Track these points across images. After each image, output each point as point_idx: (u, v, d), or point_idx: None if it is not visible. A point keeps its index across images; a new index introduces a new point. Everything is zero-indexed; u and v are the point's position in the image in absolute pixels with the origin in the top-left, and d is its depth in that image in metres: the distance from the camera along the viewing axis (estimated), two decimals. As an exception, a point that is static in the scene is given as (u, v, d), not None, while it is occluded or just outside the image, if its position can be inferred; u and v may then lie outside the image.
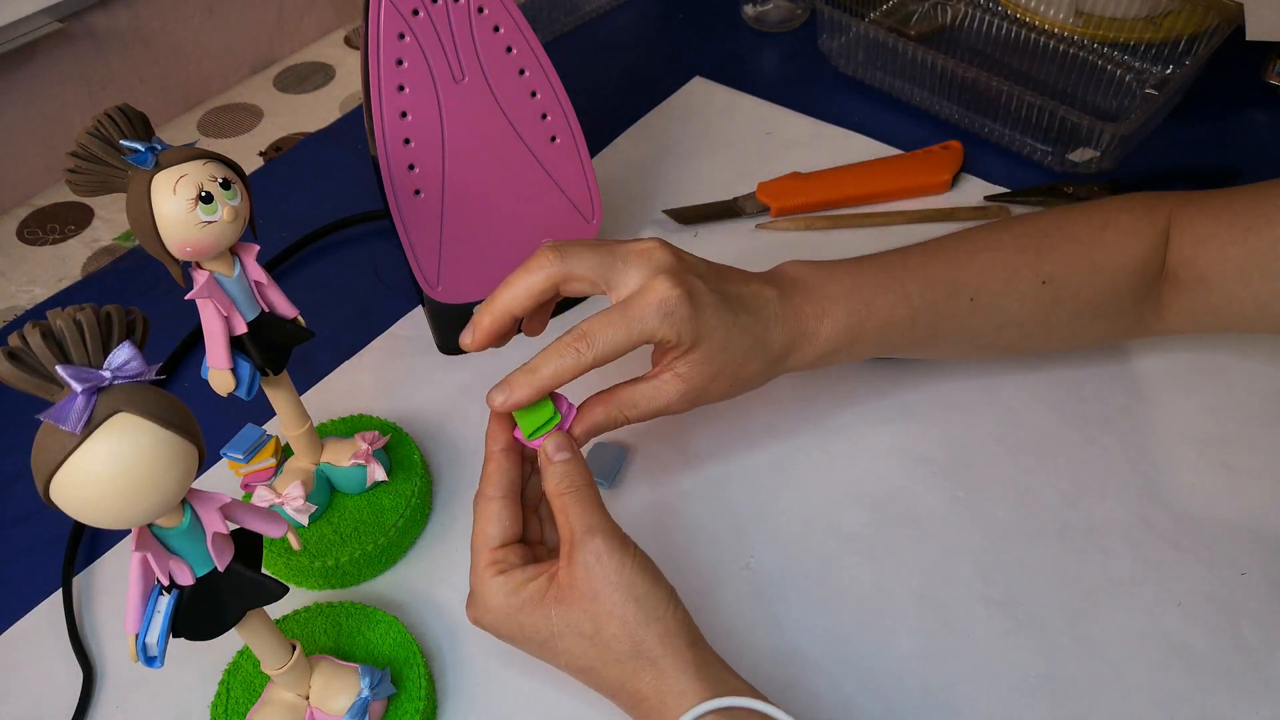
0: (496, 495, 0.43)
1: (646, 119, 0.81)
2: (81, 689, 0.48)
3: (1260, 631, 0.47)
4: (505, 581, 0.41)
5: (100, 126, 0.38)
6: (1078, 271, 0.52)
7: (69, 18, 0.75)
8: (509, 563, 0.42)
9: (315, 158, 0.81)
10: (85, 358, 0.29)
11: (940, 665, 0.47)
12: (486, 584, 0.42)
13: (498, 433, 0.44)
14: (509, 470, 0.44)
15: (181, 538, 0.34)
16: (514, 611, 0.41)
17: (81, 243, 0.76)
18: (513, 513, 0.43)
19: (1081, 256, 0.52)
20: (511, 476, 0.44)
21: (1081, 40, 0.80)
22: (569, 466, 0.43)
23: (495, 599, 0.41)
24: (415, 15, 0.51)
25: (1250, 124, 0.77)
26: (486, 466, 0.44)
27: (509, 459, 0.44)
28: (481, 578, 0.42)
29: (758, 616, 0.50)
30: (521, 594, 0.41)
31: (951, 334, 0.52)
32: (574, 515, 0.41)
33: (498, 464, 0.44)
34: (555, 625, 0.40)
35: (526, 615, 0.41)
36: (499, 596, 0.41)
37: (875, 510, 0.54)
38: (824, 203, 0.72)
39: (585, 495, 0.42)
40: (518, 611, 0.41)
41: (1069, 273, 0.52)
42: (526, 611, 0.41)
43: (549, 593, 0.41)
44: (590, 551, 0.40)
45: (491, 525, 0.42)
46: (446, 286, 0.59)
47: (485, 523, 0.42)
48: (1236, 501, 0.53)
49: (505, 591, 0.41)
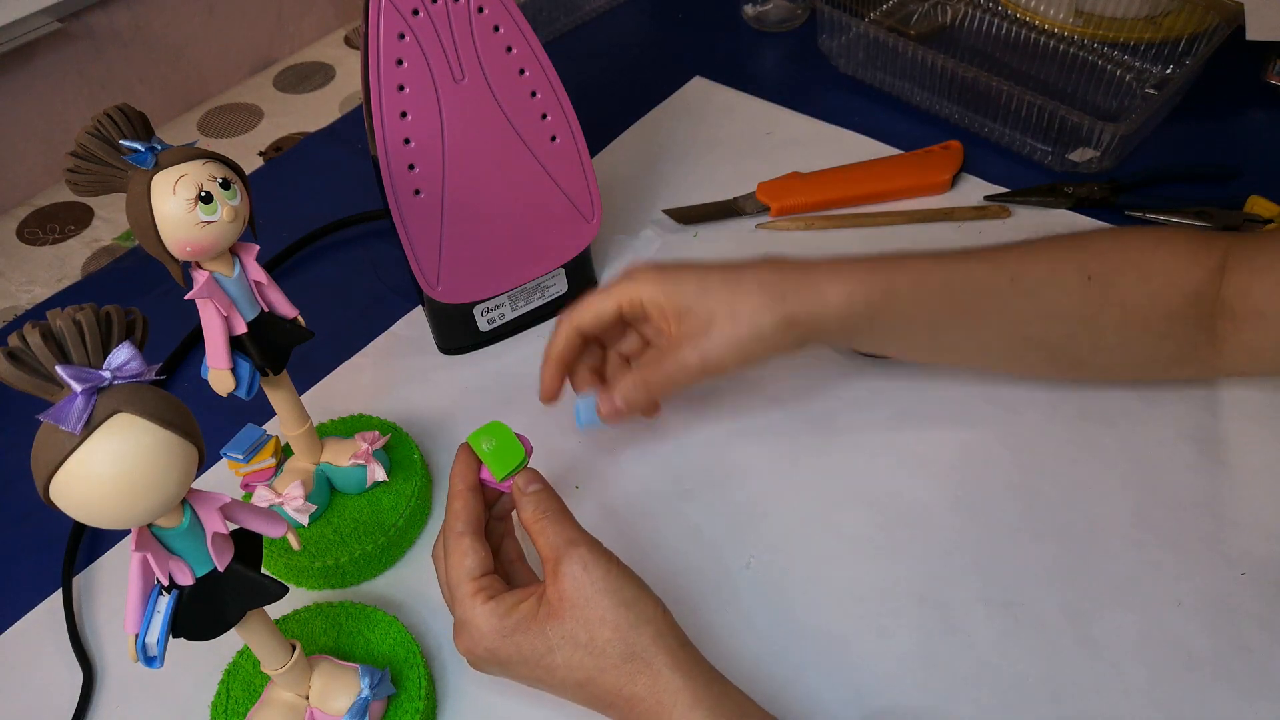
0: (468, 531, 0.43)
1: (646, 119, 0.81)
2: (81, 689, 0.48)
3: (1260, 631, 0.47)
4: (496, 606, 0.41)
5: (100, 126, 0.38)
6: (1126, 277, 0.50)
7: (69, 18, 0.75)
8: (495, 588, 0.42)
9: (315, 158, 0.81)
10: (85, 358, 0.29)
11: (940, 665, 0.47)
12: (476, 611, 0.41)
13: (465, 472, 0.45)
14: (475, 507, 0.44)
15: (181, 538, 0.34)
16: (509, 633, 0.41)
17: (81, 243, 0.76)
18: (484, 546, 0.43)
19: (1131, 265, 0.51)
20: (478, 512, 0.44)
21: (1081, 40, 0.80)
22: (541, 496, 0.44)
23: (488, 623, 0.41)
24: (415, 15, 0.51)
25: (1250, 124, 0.77)
26: (453, 504, 0.44)
27: (475, 496, 0.44)
28: (469, 606, 0.42)
29: (758, 616, 0.50)
30: (514, 615, 0.41)
31: (993, 314, 0.51)
32: (553, 534, 0.42)
33: (465, 501, 0.44)
34: (551, 640, 0.40)
35: (522, 635, 0.41)
36: (491, 620, 0.41)
37: (875, 510, 0.54)
38: (824, 203, 0.72)
39: (560, 517, 0.43)
40: (513, 632, 0.41)
41: (1117, 275, 0.50)
42: (521, 631, 0.41)
43: (540, 610, 0.41)
44: (576, 562, 0.41)
45: (468, 558, 0.43)
46: (446, 286, 0.59)
47: (461, 556, 0.43)
48: (1236, 501, 0.53)
49: (498, 615, 0.41)
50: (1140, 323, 0.51)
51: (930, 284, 0.50)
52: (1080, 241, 0.52)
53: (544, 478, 0.45)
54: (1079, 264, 0.51)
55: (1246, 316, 0.51)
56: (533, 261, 0.61)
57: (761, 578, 0.51)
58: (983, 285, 0.50)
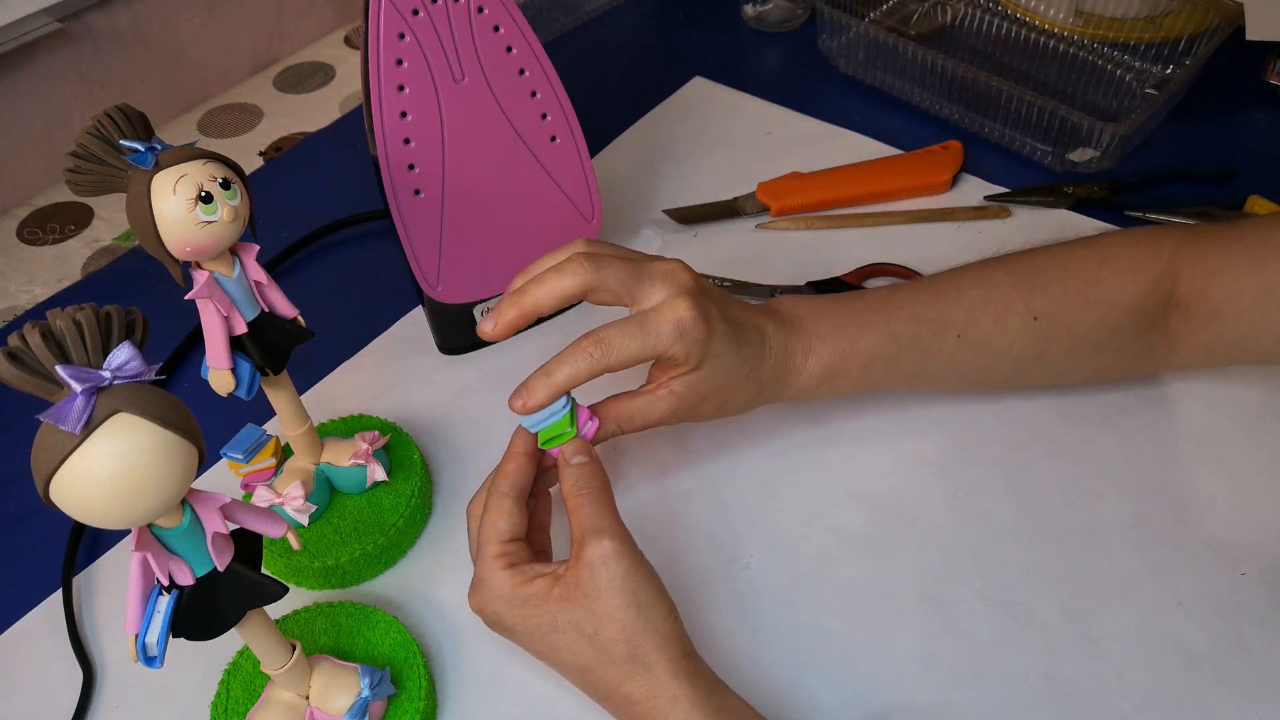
0: (510, 493, 0.44)
1: (646, 119, 0.81)
2: (81, 689, 0.48)
3: (1260, 631, 0.47)
4: (513, 574, 0.42)
5: (100, 126, 0.38)
6: (1071, 308, 0.51)
7: (69, 18, 0.75)
8: (518, 557, 0.43)
9: (315, 158, 0.81)
10: (85, 358, 0.29)
11: (940, 665, 0.47)
12: (495, 574, 0.42)
13: (525, 435, 0.46)
14: (526, 473, 0.45)
15: (181, 538, 0.34)
16: (519, 603, 0.42)
17: (81, 243, 0.76)
18: (522, 513, 0.44)
19: (1076, 293, 0.51)
20: (526, 479, 0.45)
21: (1081, 40, 0.80)
22: (586, 469, 0.44)
23: (502, 589, 0.42)
24: (415, 15, 0.51)
25: (1250, 124, 0.77)
26: (506, 465, 0.45)
27: (528, 462, 0.45)
28: (490, 567, 0.43)
29: (758, 616, 0.50)
30: (528, 588, 0.42)
31: (939, 371, 0.52)
32: (585, 515, 0.42)
33: (518, 464, 0.45)
34: (557, 620, 0.41)
35: (531, 608, 0.41)
36: (506, 587, 0.42)
37: (875, 510, 0.54)
38: (824, 203, 0.72)
39: (599, 497, 0.43)
40: (523, 604, 0.42)
41: (1062, 309, 0.51)
42: (531, 605, 0.41)
43: (554, 590, 0.41)
44: (598, 553, 0.41)
45: (503, 520, 0.43)
46: (446, 286, 0.59)
47: (498, 516, 0.43)
48: (1236, 501, 0.53)
49: (513, 584, 0.42)
50: (1088, 346, 0.52)
51: (880, 357, 0.51)
52: (1023, 274, 0.52)
53: (594, 452, 0.45)
54: (1024, 305, 0.51)
55: (1203, 317, 0.51)
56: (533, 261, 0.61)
57: (761, 578, 0.51)
58: (929, 348, 0.51)
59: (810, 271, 0.66)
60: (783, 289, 0.65)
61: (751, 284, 0.66)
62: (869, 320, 0.51)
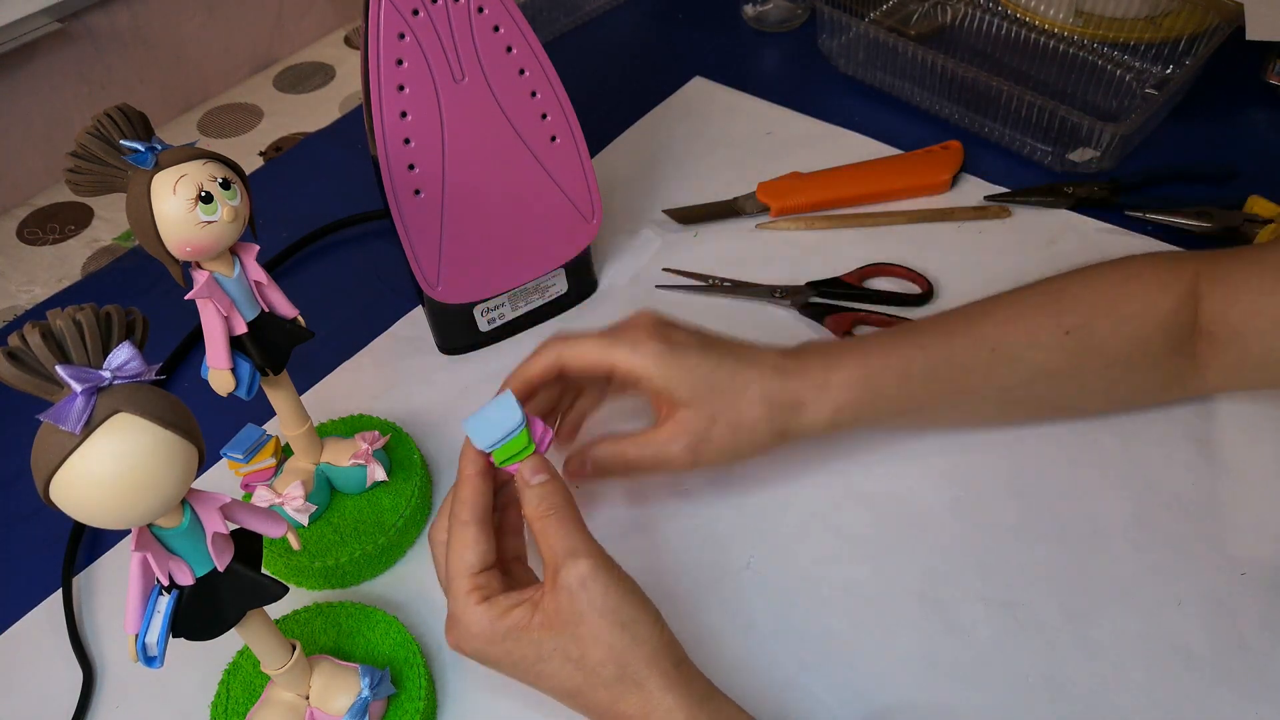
0: (472, 520, 0.42)
1: (646, 119, 0.81)
2: (81, 689, 0.48)
3: (1260, 631, 0.47)
4: (489, 608, 0.41)
5: (100, 126, 0.38)
6: (1102, 321, 0.51)
7: (69, 18, 0.75)
8: (491, 589, 0.41)
9: (315, 158, 0.81)
10: (85, 358, 0.29)
11: (940, 665, 0.47)
12: (469, 611, 0.41)
13: (474, 454, 0.43)
14: (484, 493, 0.43)
15: (181, 538, 0.34)
16: (499, 639, 0.40)
17: (81, 243, 0.76)
18: (489, 538, 0.42)
19: (1107, 307, 0.51)
20: (486, 500, 0.43)
21: (1081, 40, 0.80)
22: (547, 489, 0.42)
23: (479, 625, 0.41)
24: (415, 15, 0.51)
25: (1250, 124, 0.77)
26: (461, 490, 0.43)
27: (484, 482, 0.43)
28: (464, 604, 0.41)
29: (758, 617, 0.50)
30: (506, 621, 0.40)
31: (979, 387, 0.51)
32: (555, 539, 0.40)
33: (473, 487, 0.43)
34: (543, 650, 0.40)
35: (513, 642, 0.40)
36: (483, 623, 0.40)
37: (875, 510, 0.54)
38: (824, 203, 0.72)
39: (565, 515, 0.41)
40: (503, 639, 0.40)
41: (1092, 323, 0.51)
42: (513, 637, 0.40)
43: (534, 619, 0.40)
44: (574, 576, 0.39)
45: (470, 551, 0.41)
46: (446, 286, 0.59)
47: (463, 548, 0.42)
48: (1236, 501, 0.53)
49: (490, 619, 0.40)
50: (1123, 364, 0.52)
51: (914, 374, 0.50)
52: (1053, 293, 0.52)
53: (552, 467, 0.43)
54: (1056, 320, 0.51)
55: (1226, 339, 0.51)
56: (533, 261, 0.61)
57: (761, 578, 0.51)
58: (965, 363, 0.51)
59: (810, 271, 0.66)
60: (783, 289, 0.65)
61: (751, 284, 0.66)
62: (895, 342, 0.51)
